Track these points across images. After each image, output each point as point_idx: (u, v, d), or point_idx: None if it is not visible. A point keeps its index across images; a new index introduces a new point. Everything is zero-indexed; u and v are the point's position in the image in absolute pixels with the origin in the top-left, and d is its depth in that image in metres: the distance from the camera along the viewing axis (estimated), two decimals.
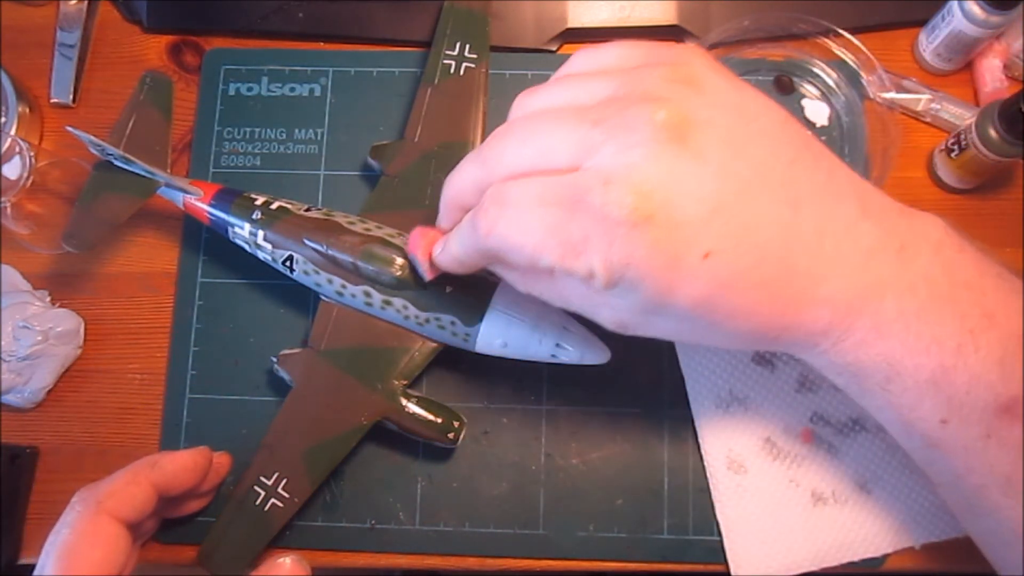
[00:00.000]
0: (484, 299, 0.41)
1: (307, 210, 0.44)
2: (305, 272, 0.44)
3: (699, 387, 0.46)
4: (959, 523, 0.38)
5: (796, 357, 0.35)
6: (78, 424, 0.48)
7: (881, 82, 0.49)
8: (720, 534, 0.44)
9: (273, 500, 0.43)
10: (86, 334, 0.49)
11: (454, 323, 0.42)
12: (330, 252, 0.42)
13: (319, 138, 0.51)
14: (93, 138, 0.44)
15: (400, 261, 0.42)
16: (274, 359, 0.44)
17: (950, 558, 0.44)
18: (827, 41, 0.50)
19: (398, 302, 0.42)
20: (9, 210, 0.49)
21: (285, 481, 0.43)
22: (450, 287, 0.41)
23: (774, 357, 0.46)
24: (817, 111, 0.50)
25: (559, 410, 0.47)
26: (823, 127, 0.50)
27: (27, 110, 0.51)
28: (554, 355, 0.41)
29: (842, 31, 0.49)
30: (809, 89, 0.51)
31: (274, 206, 0.45)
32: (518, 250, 0.32)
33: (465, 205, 0.35)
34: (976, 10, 0.46)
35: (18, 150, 0.49)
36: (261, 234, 0.44)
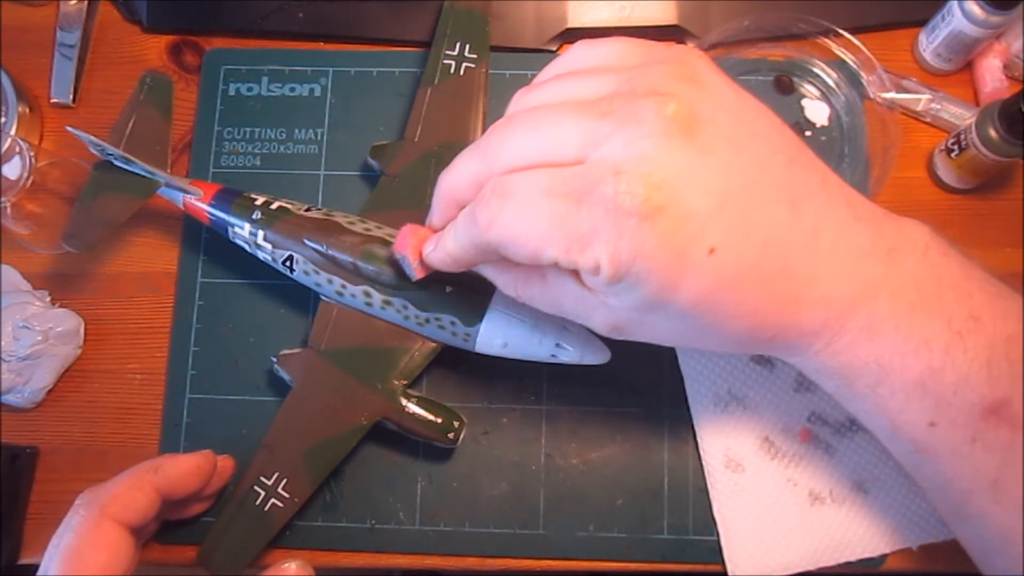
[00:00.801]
0: (484, 299, 0.41)
1: (307, 210, 0.44)
2: (305, 272, 0.44)
3: (698, 386, 0.46)
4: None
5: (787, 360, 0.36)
6: (78, 424, 0.48)
7: (881, 82, 0.49)
8: (719, 534, 0.44)
9: (273, 500, 0.43)
10: (86, 334, 0.49)
11: (454, 323, 0.42)
12: (330, 252, 0.42)
13: (319, 138, 0.51)
14: (93, 138, 0.45)
15: None
16: (274, 359, 0.44)
17: (947, 559, 0.44)
18: (827, 41, 0.50)
19: (398, 302, 0.42)
20: (9, 210, 0.49)
21: (285, 481, 0.43)
22: (450, 287, 0.41)
23: (772, 356, 0.46)
24: (817, 111, 0.50)
25: (559, 410, 0.47)
26: (823, 127, 0.50)
27: (27, 110, 0.51)
28: (554, 355, 0.41)
29: (842, 31, 0.49)
30: (809, 89, 0.51)
31: (274, 206, 0.45)
32: (522, 243, 0.31)
33: (461, 201, 0.34)
34: (976, 10, 0.46)
35: (18, 150, 0.49)
36: (261, 234, 0.44)
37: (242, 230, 0.45)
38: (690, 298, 0.30)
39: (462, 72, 0.49)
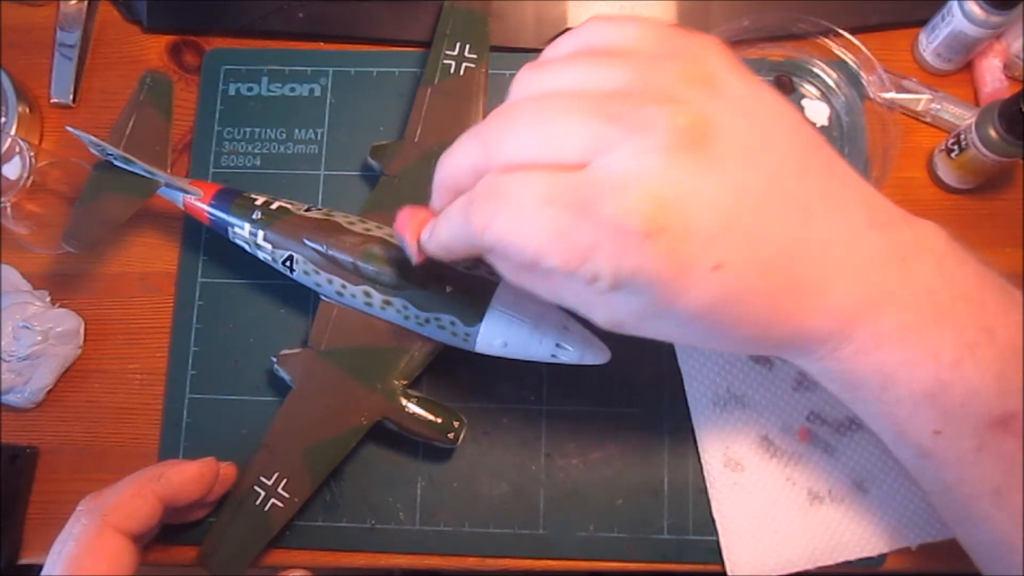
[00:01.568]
0: (484, 299, 0.41)
1: (307, 210, 0.44)
2: (305, 272, 0.44)
3: (697, 385, 0.46)
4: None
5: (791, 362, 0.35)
6: (78, 424, 0.48)
7: (881, 82, 0.49)
8: (718, 533, 0.44)
9: (273, 500, 0.43)
10: (86, 334, 0.49)
11: (454, 323, 0.42)
12: (330, 252, 0.42)
13: (319, 138, 0.51)
14: (93, 138, 0.45)
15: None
16: (274, 359, 0.44)
17: (947, 558, 0.44)
18: (827, 41, 0.50)
19: (398, 302, 0.42)
20: (9, 210, 0.49)
21: (285, 481, 0.43)
22: (450, 287, 0.41)
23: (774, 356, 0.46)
24: (817, 111, 0.50)
25: (559, 410, 0.47)
26: (823, 127, 0.50)
27: (27, 110, 0.51)
28: (554, 355, 0.41)
29: (842, 31, 0.49)
30: (809, 89, 0.51)
31: (274, 206, 0.45)
32: (518, 251, 0.30)
33: (460, 188, 0.32)
34: (976, 10, 0.46)
35: (18, 150, 0.49)
36: (261, 234, 0.44)
37: (242, 230, 0.45)
38: (692, 309, 0.30)
39: (462, 72, 0.49)
